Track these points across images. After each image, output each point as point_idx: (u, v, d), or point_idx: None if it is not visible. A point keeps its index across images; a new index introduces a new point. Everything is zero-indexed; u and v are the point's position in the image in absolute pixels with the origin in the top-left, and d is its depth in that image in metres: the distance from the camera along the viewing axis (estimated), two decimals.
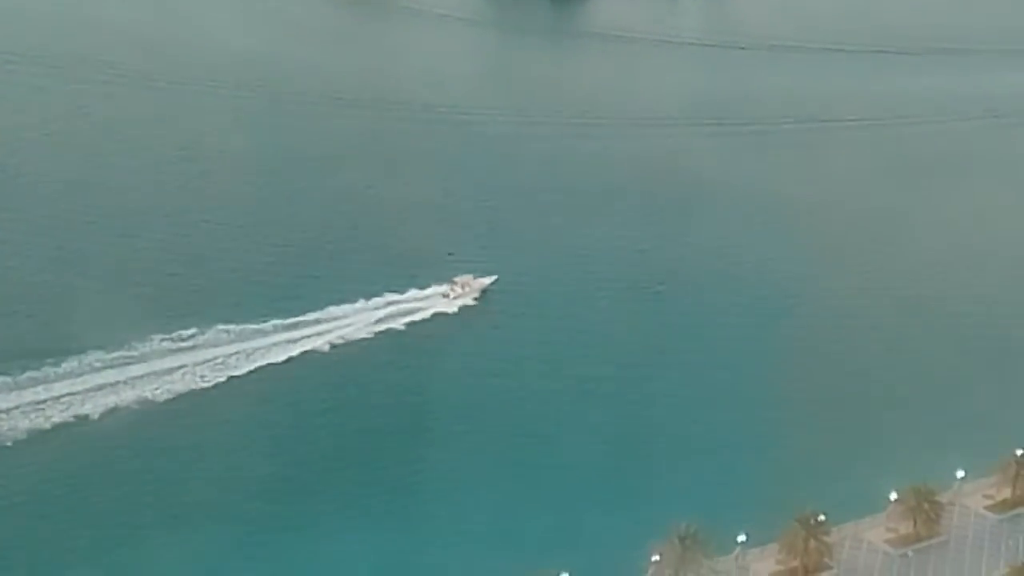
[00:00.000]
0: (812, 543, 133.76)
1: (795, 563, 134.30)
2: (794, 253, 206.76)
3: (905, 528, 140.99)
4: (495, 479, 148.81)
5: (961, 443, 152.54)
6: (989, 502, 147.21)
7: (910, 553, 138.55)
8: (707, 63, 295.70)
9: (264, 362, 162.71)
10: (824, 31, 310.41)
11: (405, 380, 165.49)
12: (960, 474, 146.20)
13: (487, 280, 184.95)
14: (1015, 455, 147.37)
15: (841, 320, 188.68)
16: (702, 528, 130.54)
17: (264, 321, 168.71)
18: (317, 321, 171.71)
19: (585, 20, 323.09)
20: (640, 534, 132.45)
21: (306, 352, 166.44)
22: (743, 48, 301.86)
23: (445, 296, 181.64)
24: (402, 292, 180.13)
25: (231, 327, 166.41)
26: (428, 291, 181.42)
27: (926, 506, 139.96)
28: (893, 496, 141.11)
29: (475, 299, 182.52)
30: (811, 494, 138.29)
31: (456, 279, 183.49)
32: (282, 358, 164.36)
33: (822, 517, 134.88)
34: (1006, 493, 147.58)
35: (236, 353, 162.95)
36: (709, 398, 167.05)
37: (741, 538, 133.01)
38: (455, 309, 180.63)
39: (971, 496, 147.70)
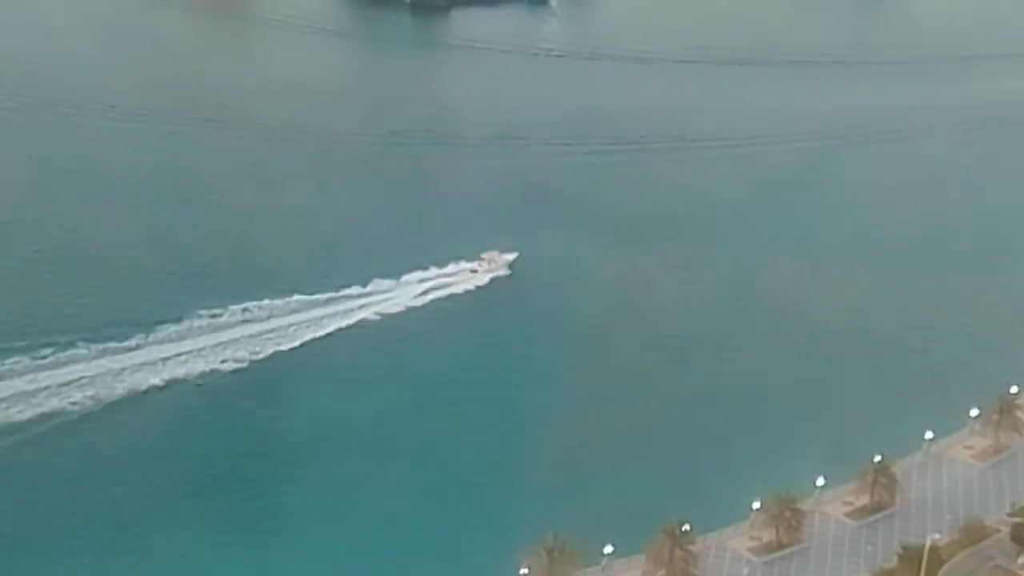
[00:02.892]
0: (677, 552, 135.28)
1: (661, 573, 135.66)
2: (657, 266, 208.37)
3: (768, 536, 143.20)
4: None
5: (821, 451, 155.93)
6: (849, 509, 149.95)
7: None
8: (569, 74, 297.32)
9: (334, 326, 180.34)
10: (687, 43, 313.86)
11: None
12: (820, 482, 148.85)
13: (510, 256, 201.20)
14: (872, 462, 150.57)
15: (703, 331, 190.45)
16: (570, 539, 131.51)
17: (317, 294, 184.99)
18: (366, 294, 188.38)
19: (447, 31, 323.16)
20: (509, 546, 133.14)
21: (361, 320, 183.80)
22: (609, 59, 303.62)
23: (474, 271, 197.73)
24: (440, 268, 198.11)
25: (294, 298, 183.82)
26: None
27: (788, 514, 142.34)
28: (756, 505, 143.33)
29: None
30: (677, 504, 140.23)
31: (483, 255, 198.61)
32: (347, 323, 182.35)
33: (687, 527, 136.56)
34: (864, 500, 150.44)
35: (295, 324, 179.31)
36: (574, 409, 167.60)
37: (608, 549, 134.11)
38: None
39: (831, 503, 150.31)
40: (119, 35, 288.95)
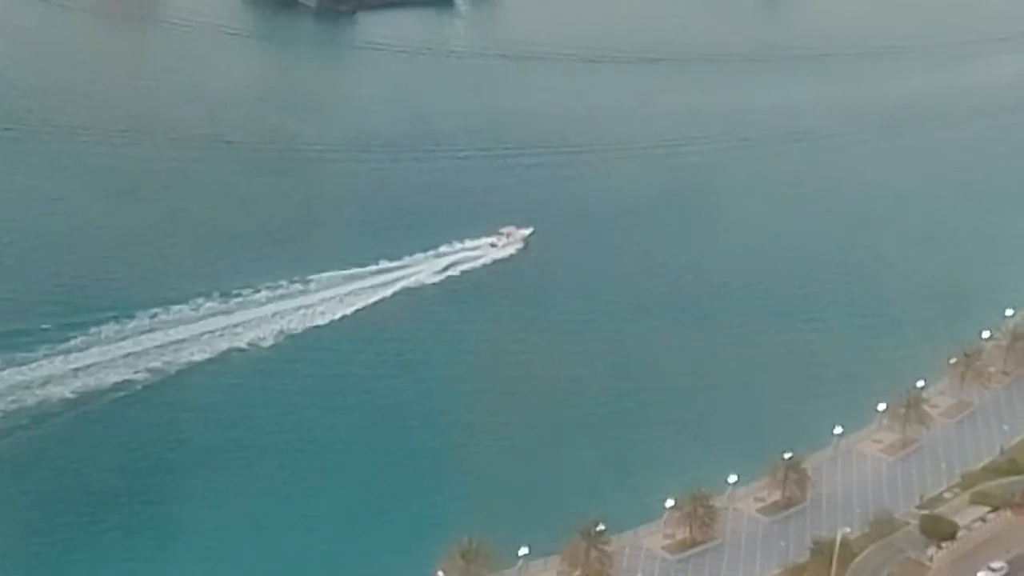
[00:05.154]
0: (592, 553, 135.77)
1: (576, 573, 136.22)
2: (567, 269, 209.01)
3: (681, 533, 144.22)
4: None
5: (733, 448, 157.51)
6: (761, 505, 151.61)
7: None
8: (479, 74, 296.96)
9: (371, 300, 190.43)
10: (594, 42, 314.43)
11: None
12: (732, 478, 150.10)
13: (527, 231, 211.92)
14: (783, 458, 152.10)
15: (612, 330, 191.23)
16: (485, 542, 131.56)
17: (354, 268, 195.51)
18: (396, 268, 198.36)
19: (355, 33, 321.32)
20: (425, 550, 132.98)
21: (396, 292, 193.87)
22: (517, 59, 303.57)
23: (493, 245, 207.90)
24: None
25: (323, 275, 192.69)
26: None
27: (701, 511, 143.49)
28: (670, 503, 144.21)
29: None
30: (592, 504, 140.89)
31: (502, 230, 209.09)
32: (382, 295, 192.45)
33: (602, 526, 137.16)
34: (776, 496, 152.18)
35: (329, 298, 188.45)
36: (487, 409, 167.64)
37: (524, 551, 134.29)
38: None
39: (744, 500, 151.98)
40: (14, 44, 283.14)
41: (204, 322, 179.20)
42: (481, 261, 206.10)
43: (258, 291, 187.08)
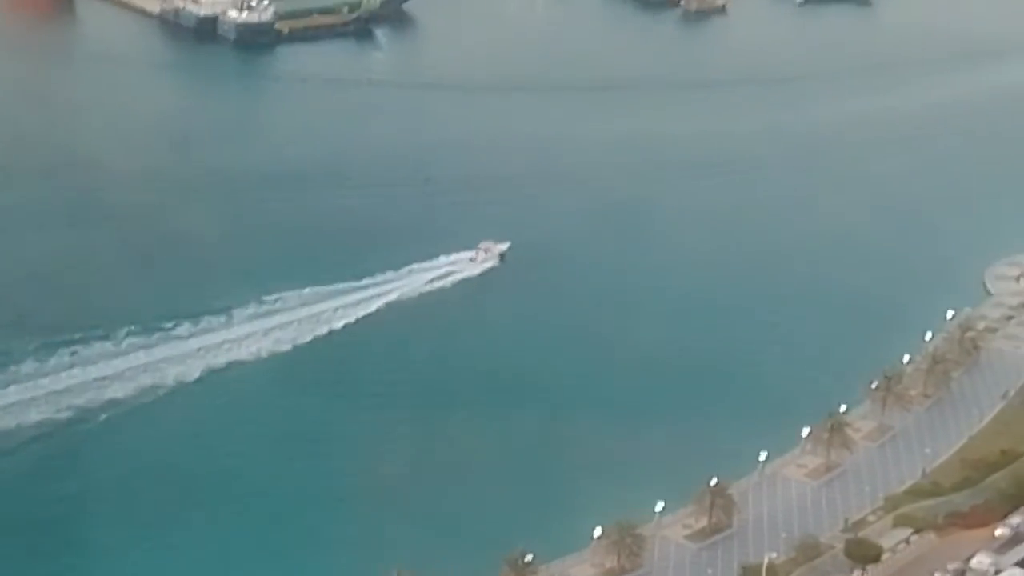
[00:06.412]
0: None
1: None
2: (495, 310, 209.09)
3: (610, 563, 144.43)
4: None
5: (659, 476, 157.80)
6: (688, 531, 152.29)
7: None
8: (399, 104, 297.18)
9: (362, 313, 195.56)
10: (513, 71, 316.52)
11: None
12: (660, 506, 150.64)
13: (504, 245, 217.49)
14: (709, 485, 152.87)
15: (539, 363, 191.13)
16: (414, 574, 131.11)
17: (335, 284, 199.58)
18: (380, 283, 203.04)
19: (276, 64, 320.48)
20: None
21: (385, 305, 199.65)
22: (436, 88, 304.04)
23: (472, 260, 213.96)
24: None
25: (309, 290, 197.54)
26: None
27: (628, 540, 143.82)
28: (598, 531, 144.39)
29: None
30: (520, 534, 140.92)
31: (480, 245, 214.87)
32: (370, 309, 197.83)
33: (530, 557, 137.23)
34: (703, 522, 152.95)
35: (312, 315, 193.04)
36: (410, 441, 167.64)
37: None
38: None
39: (671, 527, 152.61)
40: None
41: (130, 356, 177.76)
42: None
43: (181, 324, 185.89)
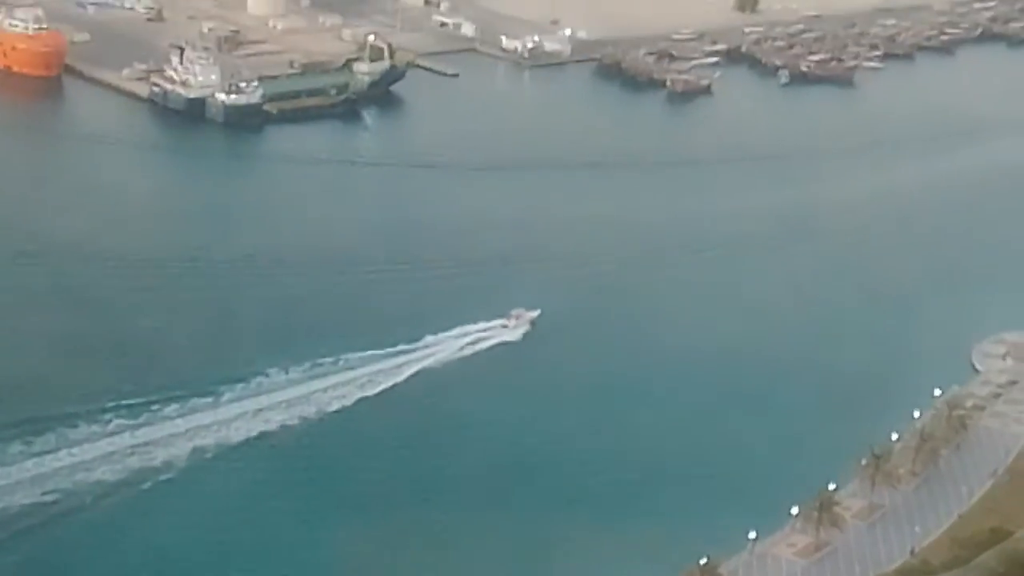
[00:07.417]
0: None
1: None
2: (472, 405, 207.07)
3: None
4: None
5: (648, 556, 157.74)
6: None
7: None
8: (386, 184, 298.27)
9: (391, 382, 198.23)
10: (508, 151, 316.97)
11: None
12: None
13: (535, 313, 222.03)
14: (698, 564, 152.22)
15: (523, 453, 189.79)
16: None
17: (371, 351, 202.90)
18: (416, 349, 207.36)
19: (264, 145, 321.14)
20: None
21: (417, 372, 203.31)
22: (422, 168, 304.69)
23: (504, 326, 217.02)
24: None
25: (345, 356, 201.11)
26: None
27: None
28: None
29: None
30: None
31: (512, 312, 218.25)
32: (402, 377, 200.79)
33: None
34: None
35: (350, 381, 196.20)
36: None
37: None
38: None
39: None
40: None
41: (113, 439, 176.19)
42: None
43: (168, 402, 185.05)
